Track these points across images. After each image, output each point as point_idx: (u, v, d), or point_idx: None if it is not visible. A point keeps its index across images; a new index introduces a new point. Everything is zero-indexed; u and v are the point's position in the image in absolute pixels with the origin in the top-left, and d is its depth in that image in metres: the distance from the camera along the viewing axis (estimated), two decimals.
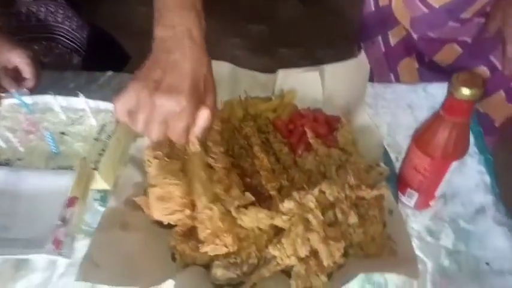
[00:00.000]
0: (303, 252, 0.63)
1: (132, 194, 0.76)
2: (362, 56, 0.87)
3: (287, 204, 0.66)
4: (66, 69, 1.18)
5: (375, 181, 0.76)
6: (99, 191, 0.81)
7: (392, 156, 0.85)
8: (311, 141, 0.79)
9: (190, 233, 0.70)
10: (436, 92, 0.99)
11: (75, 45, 1.18)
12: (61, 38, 1.14)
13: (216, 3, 0.88)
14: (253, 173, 0.76)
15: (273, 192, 0.71)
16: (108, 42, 1.30)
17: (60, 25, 1.12)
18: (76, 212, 0.70)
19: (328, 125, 0.86)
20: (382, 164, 0.77)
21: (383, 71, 1.13)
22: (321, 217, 0.65)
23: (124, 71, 1.08)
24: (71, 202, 0.69)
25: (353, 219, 0.67)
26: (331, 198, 0.68)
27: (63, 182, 0.71)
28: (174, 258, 0.70)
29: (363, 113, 0.83)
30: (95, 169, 0.77)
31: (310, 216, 0.65)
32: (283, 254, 0.63)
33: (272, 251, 0.64)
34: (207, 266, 0.68)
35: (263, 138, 0.81)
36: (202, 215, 0.68)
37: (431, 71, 1.07)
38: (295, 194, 0.67)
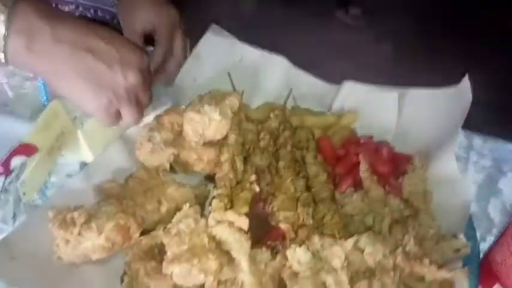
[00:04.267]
0: None
1: (108, 180, 0.58)
2: (464, 84, 0.64)
3: (299, 252, 0.44)
4: None
5: (445, 259, 0.51)
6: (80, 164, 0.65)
7: (478, 233, 0.59)
8: (362, 176, 0.57)
9: (155, 253, 0.51)
10: None
11: None
12: None
13: None
14: (269, 196, 0.55)
15: (284, 226, 0.49)
16: None
17: None
18: (30, 166, 0.54)
19: (393, 163, 0.63)
20: (461, 237, 0.52)
21: None
22: (347, 286, 0.42)
23: None
24: (23, 150, 0.53)
25: None
26: (370, 262, 0.45)
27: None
28: (122, 280, 0.50)
29: (449, 160, 0.59)
30: None
31: (329, 280, 0.42)
32: None
33: None
34: None
35: (298, 156, 0.60)
36: (180, 225, 0.48)
37: None
38: (316, 239, 0.45)
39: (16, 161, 0.53)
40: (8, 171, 0.52)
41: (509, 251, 0.46)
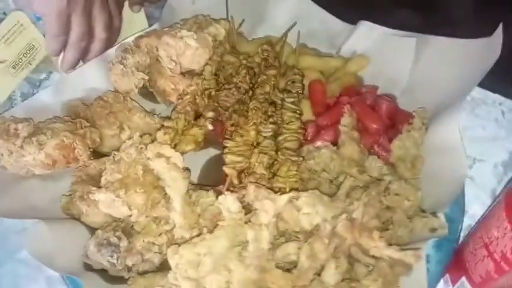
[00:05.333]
0: (212, 286, 0.37)
1: (76, 98, 0.57)
2: (496, 36, 0.52)
3: (229, 200, 0.40)
4: None
5: (416, 236, 0.44)
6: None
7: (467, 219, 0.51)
8: (341, 129, 0.50)
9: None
10: None
11: None
12: None
13: None
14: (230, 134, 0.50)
15: (228, 170, 0.45)
16: None
17: None
18: None
19: (389, 120, 0.55)
20: (441, 216, 0.44)
21: None
22: (266, 244, 0.37)
23: None
24: None
25: (330, 274, 0.38)
26: (305, 224, 0.39)
27: None
28: None
29: (451, 123, 0.50)
30: None
31: (250, 234, 0.38)
32: (178, 271, 0.38)
33: (169, 258, 0.39)
34: (94, 231, 0.46)
35: (278, 99, 0.54)
36: (122, 154, 0.46)
37: None
38: (251, 189, 0.41)
39: None
40: None
41: (482, 240, 0.38)
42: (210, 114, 0.50)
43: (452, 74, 0.56)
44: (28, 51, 0.57)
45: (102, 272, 0.44)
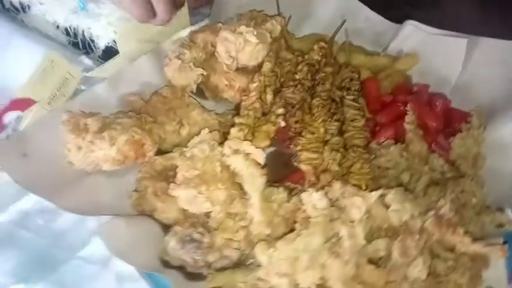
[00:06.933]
0: (306, 282, 0.38)
1: (133, 92, 0.56)
2: None
3: (315, 197, 0.40)
4: None
5: (484, 232, 0.46)
6: None
7: None
8: (407, 127, 0.51)
9: (168, 175, 0.49)
10: None
11: None
12: None
13: None
14: (296, 135, 0.50)
15: (305, 168, 0.46)
16: None
17: None
18: (27, 119, 0.51)
19: (447, 119, 0.56)
20: (508, 211, 0.46)
21: None
22: (362, 240, 0.38)
23: None
24: (16, 105, 0.51)
25: (419, 270, 0.39)
26: (395, 220, 0.40)
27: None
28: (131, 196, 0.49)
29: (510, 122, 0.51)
30: None
31: (343, 231, 0.38)
32: (271, 267, 0.38)
33: (259, 254, 0.39)
34: (166, 228, 0.46)
35: (337, 97, 0.55)
36: (195, 149, 0.45)
37: None
38: (337, 186, 0.41)
39: (10, 116, 0.51)
40: (1, 127, 0.50)
41: None
42: (281, 110, 0.50)
43: (504, 74, 0.57)
44: (62, 85, 0.56)
45: (179, 269, 0.44)
